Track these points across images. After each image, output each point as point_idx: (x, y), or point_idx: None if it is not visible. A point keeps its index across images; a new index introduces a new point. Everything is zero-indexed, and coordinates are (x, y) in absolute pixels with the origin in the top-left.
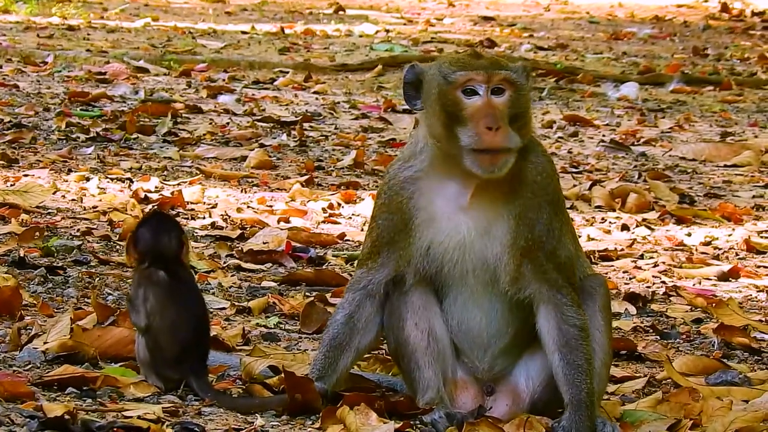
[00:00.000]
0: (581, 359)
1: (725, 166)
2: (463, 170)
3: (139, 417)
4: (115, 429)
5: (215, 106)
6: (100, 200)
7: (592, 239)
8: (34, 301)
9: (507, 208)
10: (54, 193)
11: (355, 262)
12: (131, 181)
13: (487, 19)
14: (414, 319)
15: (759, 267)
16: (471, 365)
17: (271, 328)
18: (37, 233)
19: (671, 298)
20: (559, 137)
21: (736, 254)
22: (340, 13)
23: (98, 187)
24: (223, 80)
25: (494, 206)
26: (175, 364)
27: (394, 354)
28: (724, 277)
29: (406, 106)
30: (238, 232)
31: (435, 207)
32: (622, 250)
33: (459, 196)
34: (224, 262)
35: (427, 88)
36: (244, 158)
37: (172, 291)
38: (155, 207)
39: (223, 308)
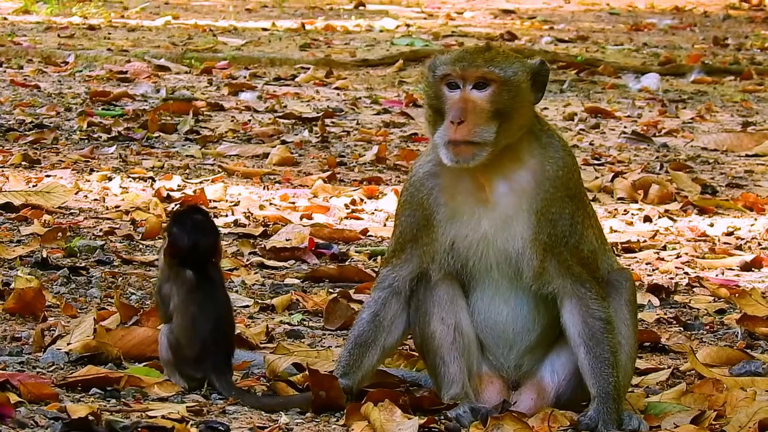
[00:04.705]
0: (607, 352)
1: (747, 156)
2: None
3: (163, 416)
4: (139, 429)
5: (237, 104)
6: (123, 200)
7: (615, 231)
8: (58, 302)
9: (527, 203)
10: (76, 193)
11: (379, 258)
12: (153, 180)
13: (507, 12)
14: (440, 314)
15: None
16: (496, 363)
17: (294, 325)
18: (60, 234)
19: (694, 289)
20: (581, 129)
21: (759, 244)
22: (361, 8)
23: (120, 187)
24: (245, 77)
25: (514, 202)
26: (197, 363)
27: (419, 349)
28: (746, 267)
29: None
30: (261, 229)
31: (456, 202)
32: (645, 241)
33: (478, 191)
34: (247, 260)
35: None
36: (266, 155)
37: (197, 290)
38: (183, 203)
39: (247, 306)
